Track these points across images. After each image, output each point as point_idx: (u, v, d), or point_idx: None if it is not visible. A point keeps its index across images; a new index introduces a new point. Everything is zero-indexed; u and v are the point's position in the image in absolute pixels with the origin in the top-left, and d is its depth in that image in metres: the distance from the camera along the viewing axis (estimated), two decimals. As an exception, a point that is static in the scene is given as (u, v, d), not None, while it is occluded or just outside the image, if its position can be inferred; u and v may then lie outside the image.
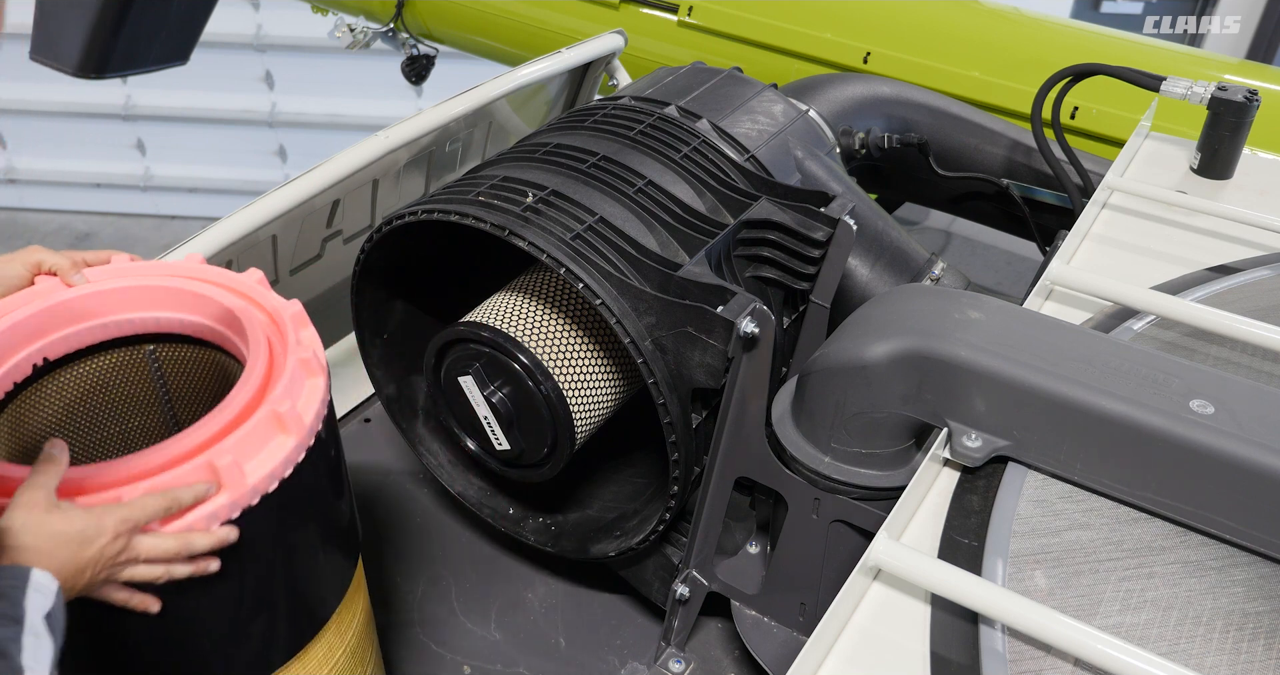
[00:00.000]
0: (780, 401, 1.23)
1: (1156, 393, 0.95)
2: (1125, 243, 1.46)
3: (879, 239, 1.59)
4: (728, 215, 1.38)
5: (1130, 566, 0.90)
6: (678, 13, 2.59)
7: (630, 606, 1.54)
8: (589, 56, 1.98)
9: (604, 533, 1.45)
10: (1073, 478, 0.99)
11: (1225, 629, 0.85)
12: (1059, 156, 1.77)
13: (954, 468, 1.05)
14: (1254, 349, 1.19)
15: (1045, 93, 1.72)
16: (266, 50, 5.64)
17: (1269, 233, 1.44)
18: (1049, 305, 1.32)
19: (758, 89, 1.65)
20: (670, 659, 1.39)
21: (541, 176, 1.33)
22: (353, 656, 1.15)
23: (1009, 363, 0.99)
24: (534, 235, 1.20)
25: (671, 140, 1.45)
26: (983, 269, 2.49)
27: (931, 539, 0.98)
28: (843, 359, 1.08)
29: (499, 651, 1.47)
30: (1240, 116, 1.55)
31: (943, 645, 0.88)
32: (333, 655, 1.10)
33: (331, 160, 1.52)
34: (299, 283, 1.71)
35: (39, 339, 1.01)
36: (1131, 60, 1.78)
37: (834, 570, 1.21)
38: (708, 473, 1.29)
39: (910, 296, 1.15)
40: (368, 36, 3.41)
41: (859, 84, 1.93)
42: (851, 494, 1.15)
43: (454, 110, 1.70)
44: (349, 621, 1.13)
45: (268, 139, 5.93)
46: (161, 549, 0.82)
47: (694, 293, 1.19)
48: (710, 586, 1.36)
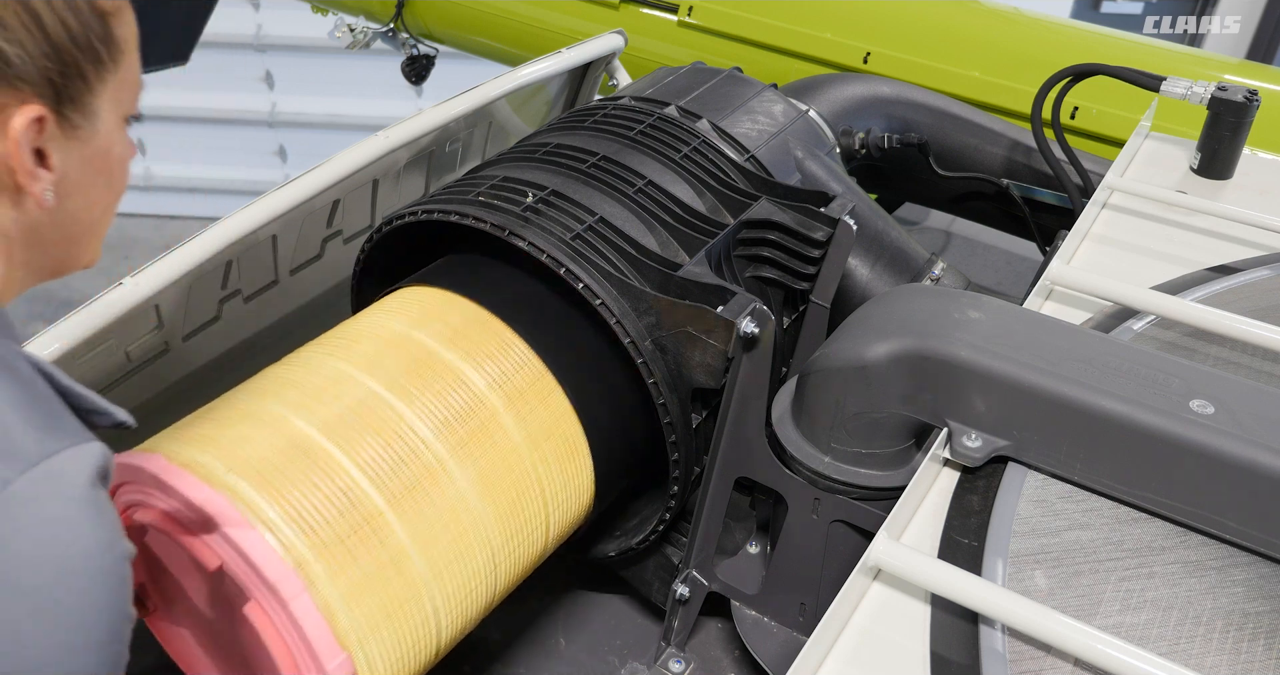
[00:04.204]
0: (780, 401, 1.23)
1: (1156, 393, 0.95)
2: (1125, 243, 1.46)
3: (879, 239, 1.59)
4: (728, 215, 1.38)
5: (1130, 566, 0.90)
6: (678, 13, 2.59)
7: (630, 606, 1.54)
8: (589, 56, 1.98)
9: (604, 533, 1.45)
10: (1073, 478, 0.99)
11: (1225, 629, 0.85)
12: (1059, 156, 1.77)
13: (954, 468, 1.05)
14: (1254, 349, 1.19)
15: (1045, 93, 1.72)
16: (266, 50, 5.65)
17: (1269, 233, 1.44)
18: (1049, 305, 1.32)
19: (758, 89, 1.65)
20: (670, 659, 1.39)
21: (541, 176, 1.33)
22: None
23: (1009, 363, 0.99)
24: (534, 235, 1.20)
25: (671, 140, 1.45)
26: (983, 269, 2.49)
27: (931, 539, 0.98)
28: (843, 359, 1.08)
29: (499, 651, 1.47)
30: (1240, 116, 1.55)
31: (943, 645, 0.88)
32: None
33: (331, 160, 1.52)
34: (299, 283, 1.71)
35: None
36: (1131, 60, 1.78)
37: (834, 570, 1.21)
38: (708, 473, 1.29)
39: (910, 296, 1.15)
40: (368, 36, 3.41)
41: (859, 84, 1.93)
42: (851, 494, 1.15)
43: (454, 110, 1.70)
44: None
45: (268, 139, 5.94)
46: None
47: (694, 293, 1.19)
48: (710, 586, 1.36)
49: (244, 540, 0.95)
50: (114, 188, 0.77)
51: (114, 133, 0.74)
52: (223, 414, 1.09)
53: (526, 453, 1.18)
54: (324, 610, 0.97)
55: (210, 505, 0.96)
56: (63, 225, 0.73)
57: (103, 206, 0.77)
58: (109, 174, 0.76)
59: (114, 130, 0.74)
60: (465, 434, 1.14)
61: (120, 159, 0.77)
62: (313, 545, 0.98)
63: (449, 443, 1.12)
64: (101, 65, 0.70)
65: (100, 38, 0.70)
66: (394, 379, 1.13)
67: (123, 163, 0.77)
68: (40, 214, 0.70)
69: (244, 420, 1.07)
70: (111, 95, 0.72)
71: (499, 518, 1.15)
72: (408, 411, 1.11)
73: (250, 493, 0.98)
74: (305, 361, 1.17)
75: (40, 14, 0.66)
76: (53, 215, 0.71)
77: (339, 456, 1.05)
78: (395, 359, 1.16)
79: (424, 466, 1.09)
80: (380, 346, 1.18)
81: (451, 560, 1.10)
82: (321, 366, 1.15)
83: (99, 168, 0.74)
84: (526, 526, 1.20)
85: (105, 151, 0.74)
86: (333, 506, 1.01)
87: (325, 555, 0.99)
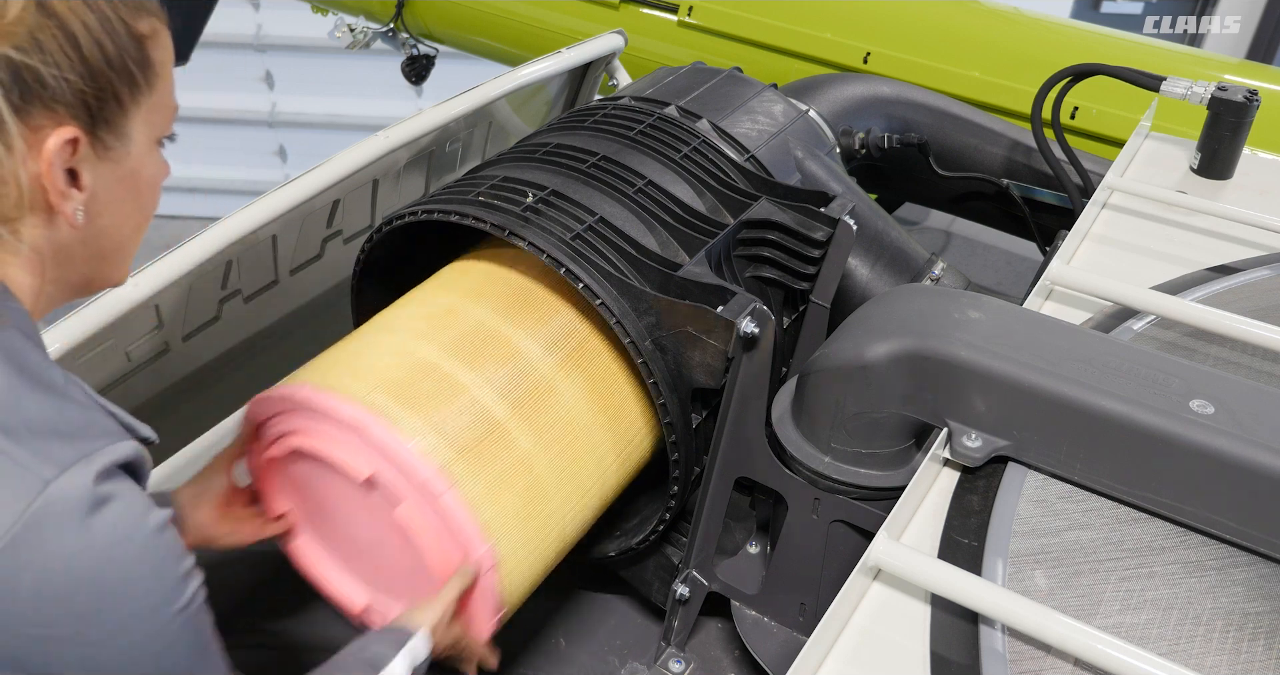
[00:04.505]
0: (780, 401, 1.24)
1: (1156, 393, 0.95)
2: (1125, 243, 1.46)
3: (879, 239, 1.59)
4: (728, 215, 1.38)
5: (1130, 566, 0.90)
6: (678, 13, 2.59)
7: (630, 606, 1.54)
8: (589, 56, 1.98)
9: (604, 533, 1.45)
10: (1073, 478, 0.99)
11: (1225, 629, 0.85)
12: (1059, 156, 1.77)
13: (954, 468, 1.05)
14: (1254, 349, 1.19)
15: (1045, 93, 1.72)
16: (266, 50, 5.65)
17: (1269, 233, 1.44)
18: (1049, 305, 1.32)
19: (758, 89, 1.65)
20: (670, 659, 1.39)
21: (541, 176, 1.33)
22: None
23: (1009, 363, 0.99)
24: (534, 235, 1.20)
25: (671, 140, 1.45)
26: (983, 269, 2.49)
27: (931, 539, 0.98)
28: (843, 359, 1.08)
29: (499, 651, 1.47)
30: (1240, 116, 1.55)
31: (943, 645, 0.88)
32: None
33: (331, 160, 1.52)
34: (299, 283, 1.71)
35: None
36: (1131, 60, 1.78)
37: (834, 570, 1.21)
38: (708, 473, 1.29)
39: (910, 296, 1.15)
40: (368, 36, 3.41)
41: (859, 84, 1.93)
42: (851, 494, 1.15)
43: (454, 110, 1.70)
44: None
45: (268, 139, 5.93)
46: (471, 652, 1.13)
47: (694, 293, 1.19)
48: (710, 586, 1.36)
49: (394, 448, 1.06)
50: (144, 208, 0.78)
51: (146, 154, 0.76)
52: (353, 348, 1.20)
53: (618, 370, 1.29)
54: (469, 505, 1.08)
55: (360, 421, 1.07)
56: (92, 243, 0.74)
57: (133, 226, 0.78)
58: (139, 194, 0.77)
59: (146, 152, 0.75)
60: (567, 352, 1.25)
61: (151, 180, 0.78)
62: (452, 451, 1.10)
63: (556, 360, 1.23)
64: (136, 88, 0.71)
65: (136, 61, 0.71)
66: (499, 307, 1.25)
67: (154, 183, 0.78)
68: (71, 232, 0.71)
69: (374, 350, 1.19)
70: (145, 117, 0.73)
71: (602, 428, 1.26)
72: (516, 332, 1.22)
73: (393, 408, 1.09)
74: (415, 299, 1.29)
75: (78, 37, 0.66)
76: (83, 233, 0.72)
77: (463, 374, 1.16)
78: (497, 290, 1.28)
79: (537, 381, 1.20)
80: (482, 281, 1.30)
81: (567, 464, 1.20)
82: (432, 301, 1.27)
83: (130, 188, 0.75)
84: (624, 437, 1.29)
85: (136, 172, 0.75)
86: (464, 417, 1.12)
87: (463, 459, 1.10)
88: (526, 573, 1.18)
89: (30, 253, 0.70)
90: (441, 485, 1.06)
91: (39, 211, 0.69)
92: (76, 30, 0.66)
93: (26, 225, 0.68)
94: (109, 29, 0.68)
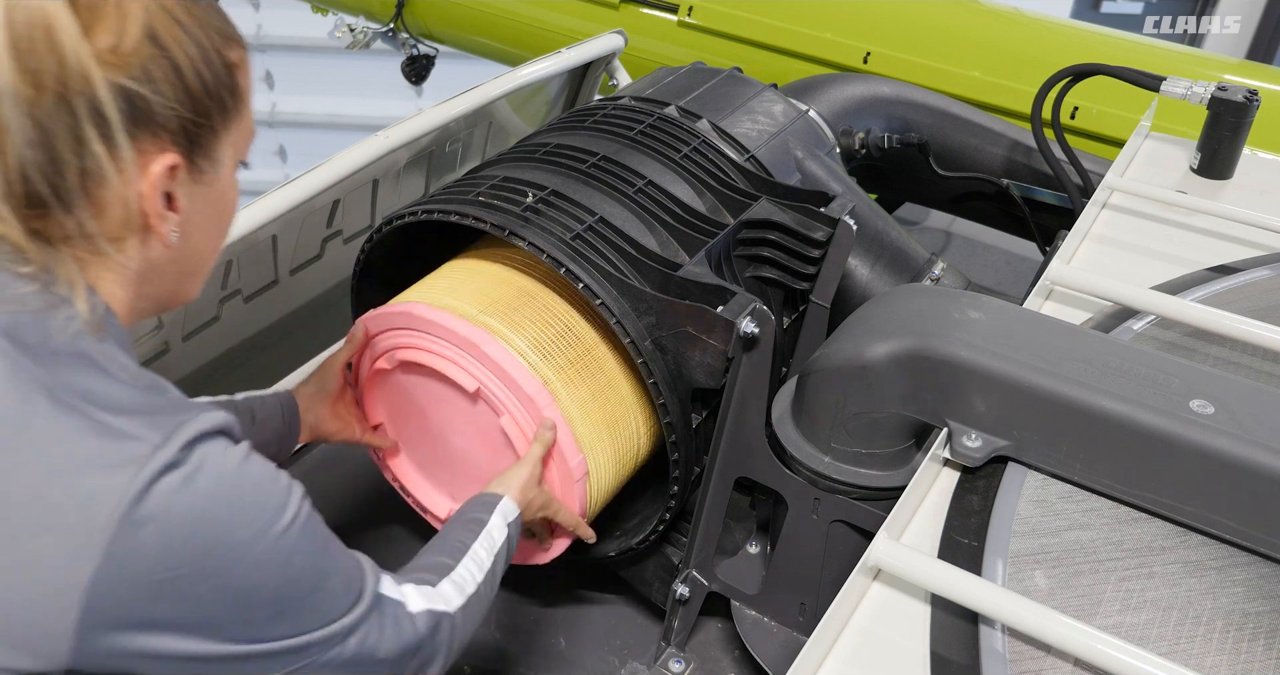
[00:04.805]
0: (780, 401, 1.24)
1: (1156, 393, 0.95)
2: (1125, 243, 1.46)
3: (879, 239, 1.59)
4: (728, 215, 1.38)
5: (1130, 566, 0.90)
6: (678, 13, 2.59)
7: (630, 606, 1.54)
8: (589, 56, 1.98)
9: (603, 533, 1.45)
10: (1073, 478, 0.99)
11: (1225, 629, 0.85)
12: (1059, 156, 1.77)
13: (954, 468, 1.05)
14: (1254, 349, 1.19)
15: (1045, 93, 1.72)
16: (266, 50, 5.65)
17: (1269, 233, 1.44)
18: (1049, 305, 1.32)
19: (758, 89, 1.65)
20: (670, 659, 1.39)
21: (541, 176, 1.33)
22: None
23: (1009, 363, 0.99)
24: (534, 235, 1.20)
25: (671, 140, 1.45)
26: (983, 269, 2.49)
27: (931, 539, 0.98)
28: (843, 359, 1.08)
29: (499, 651, 1.47)
30: (1240, 116, 1.55)
31: (943, 645, 0.88)
32: None
33: (331, 160, 1.52)
34: (299, 283, 1.71)
35: None
36: (1131, 60, 1.78)
37: (834, 570, 1.21)
38: (708, 473, 1.29)
39: (910, 296, 1.15)
40: (368, 36, 3.41)
41: (859, 84, 1.93)
42: (851, 494, 1.15)
43: (454, 110, 1.70)
44: None
45: (268, 139, 5.94)
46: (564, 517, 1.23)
47: (694, 293, 1.19)
48: (710, 586, 1.36)
49: (503, 362, 1.17)
50: (225, 228, 0.84)
51: (229, 177, 0.80)
52: (455, 276, 1.31)
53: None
54: (566, 419, 1.19)
55: (472, 337, 1.17)
56: (179, 262, 0.79)
57: (214, 246, 0.83)
58: (223, 215, 0.82)
59: (229, 174, 0.80)
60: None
61: (232, 201, 0.83)
62: (552, 367, 1.20)
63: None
64: (227, 114, 0.76)
65: (228, 89, 0.75)
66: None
67: (234, 204, 0.83)
68: (163, 252, 0.76)
69: (478, 276, 1.29)
70: (232, 141, 0.78)
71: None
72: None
73: (501, 327, 1.20)
74: None
75: (182, 68, 0.70)
76: (174, 253, 0.77)
77: (558, 301, 1.26)
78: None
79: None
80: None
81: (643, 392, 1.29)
82: None
83: (216, 209, 0.80)
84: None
85: (223, 195, 0.80)
86: (561, 339, 1.23)
87: (561, 376, 1.21)
88: (608, 483, 1.30)
89: (127, 270, 0.75)
90: (545, 399, 1.18)
91: (136, 232, 0.73)
92: (181, 61, 0.70)
93: (126, 240, 0.73)
94: (207, 59, 0.72)
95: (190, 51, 0.71)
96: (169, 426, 0.68)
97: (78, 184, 0.68)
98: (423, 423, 1.33)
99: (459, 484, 1.37)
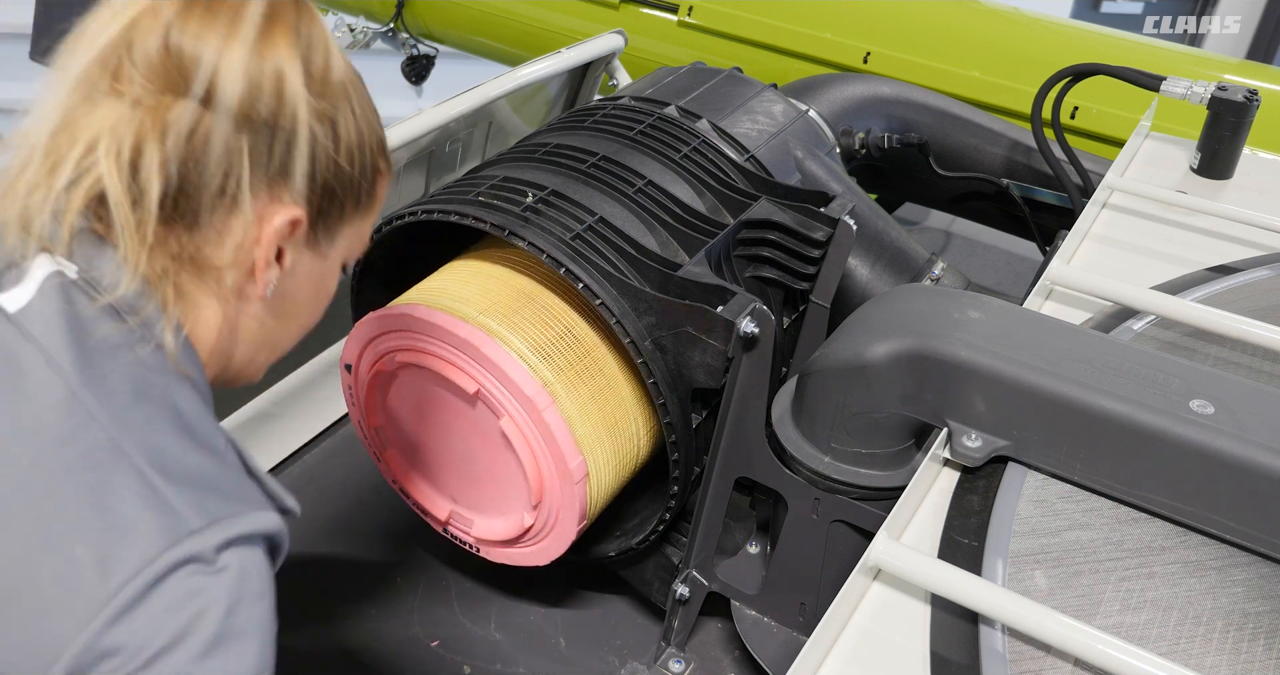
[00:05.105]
0: (780, 401, 1.23)
1: (1156, 393, 0.95)
2: (1125, 243, 1.46)
3: (879, 239, 1.59)
4: (728, 215, 1.38)
5: (1130, 566, 0.90)
6: (678, 13, 2.59)
7: (630, 606, 1.54)
8: (589, 56, 1.98)
9: (603, 533, 1.45)
10: (1073, 478, 0.99)
11: (1225, 629, 0.85)
12: (1059, 156, 1.76)
13: (954, 468, 1.05)
14: (1254, 349, 1.19)
15: (1045, 93, 1.72)
16: (266, 50, 5.62)
17: (1269, 233, 1.44)
18: (1049, 305, 1.31)
19: (758, 89, 1.65)
20: (670, 659, 1.39)
21: (541, 176, 1.33)
22: None
23: (1009, 363, 0.99)
24: (534, 235, 1.20)
25: (671, 140, 1.45)
26: (983, 269, 2.49)
27: (931, 539, 0.98)
28: (843, 359, 1.08)
29: (499, 651, 1.47)
30: (1240, 116, 1.55)
31: (943, 645, 0.88)
32: None
33: (331, 160, 1.52)
34: (299, 283, 1.71)
35: None
36: (1131, 60, 1.78)
37: (834, 570, 1.21)
38: (708, 473, 1.29)
39: (910, 296, 1.15)
40: (368, 36, 3.41)
41: (859, 84, 1.93)
42: (851, 494, 1.15)
43: (454, 110, 1.70)
44: None
45: (268, 139, 5.91)
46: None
47: (694, 293, 1.19)
48: (710, 586, 1.36)
49: (503, 364, 1.17)
50: (314, 313, 0.86)
51: (335, 265, 0.83)
52: (454, 276, 1.31)
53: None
54: (566, 421, 1.19)
55: (471, 339, 1.17)
56: (264, 325, 0.80)
57: (298, 325, 0.85)
58: (317, 297, 0.84)
59: (336, 263, 0.83)
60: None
61: (328, 291, 0.85)
62: (552, 369, 1.20)
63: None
64: (358, 205, 0.80)
65: (369, 184, 0.80)
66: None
67: (329, 294, 0.86)
68: (253, 308, 0.78)
69: (478, 277, 1.29)
70: (350, 233, 0.81)
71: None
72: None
73: (500, 328, 1.20)
74: None
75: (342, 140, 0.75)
76: (260, 315, 0.79)
77: (559, 302, 1.26)
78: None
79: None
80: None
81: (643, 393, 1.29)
82: None
83: (314, 286, 0.82)
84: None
85: (324, 275, 0.83)
86: (561, 341, 1.23)
87: (562, 378, 1.21)
88: (609, 485, 1.29)
89: (217, 315, 0.76)
90: (545, 400, 1.18)
91: (241, 275, 0.74)
92: (345, 134, 0.75)
93: (228, 276, 0.74)
94: (363, 147, 0.77)
95: (353, 133, 0.76)
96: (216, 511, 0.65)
97: (213, 204, 0.70)
98: (423, 424, 1.34)
99: (459, 485, 1.37)
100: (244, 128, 0.69)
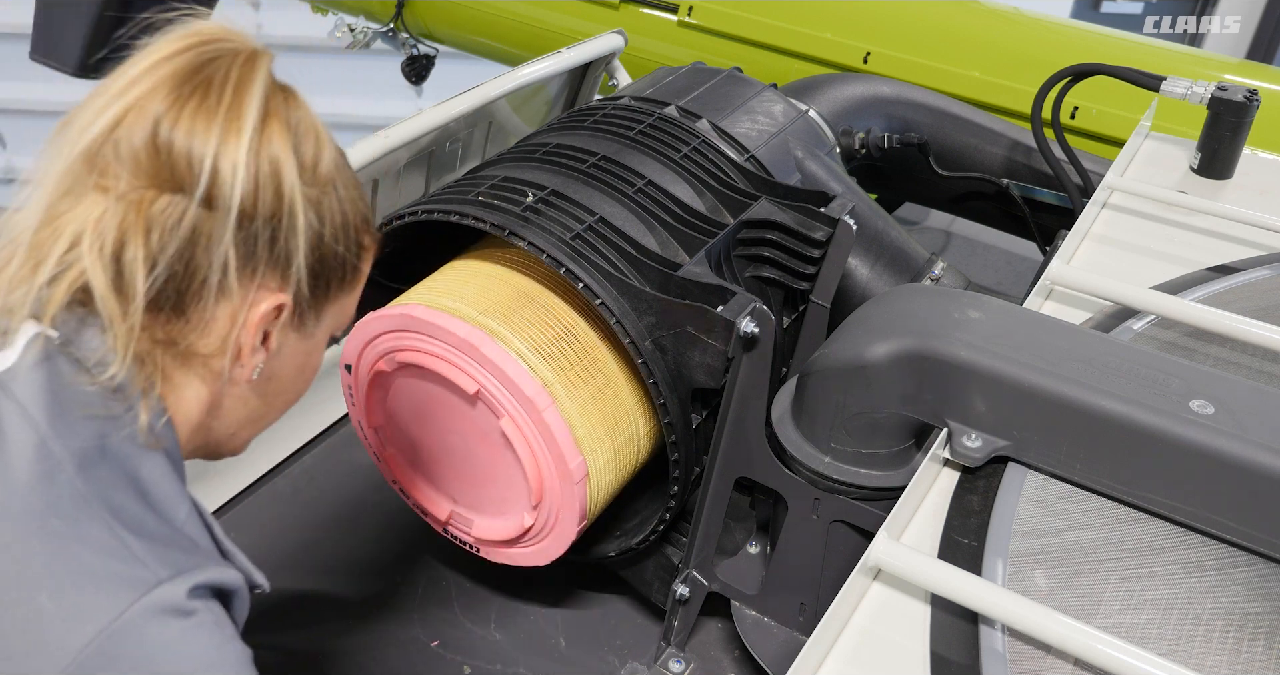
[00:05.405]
0: (780, 401, 1.23)
1: (1156, 393, 0.95)
2: (1125, 243, 1.46)
3: (879, 239, 1.59)
4: (728, 215, 1.38)
5: (1130, 566, 0.90)
6: (678, 13, 2.59)
7: (630, 606, 1.54)
8: (589, 56, 1.98)
9: (603, 533, 1.45)
10: (1073, 478, 0.99)
11: (1225, 629, 0.85)
12: (1059, 156, 1.76)
13: (954, 468, 1.05)
14: (1254, 349, 1.19)
15: (1045, 93, 1.72)
16: (266, 50, 5.62)
17: (1269, 233, 1.44)
18: (1049, 305, 1.31)
19: (758, 89, 1.65)
20: (670, 659, 1.39)
21: (541, 176, 1.33)
22: None
23: (1009, 363, 0.99)
24: (534, 235, 1.20)
25: (671, 140, 1.45)
26: (983, 269, 2.49)
27: (931, 539, 0.98)
28: (843, 359, 1.08)
29: (499, 651, 1.47)
30: (1240, 116, 1.55)
31: (943, 645, 0.88)
32: None
33: (331, 160, 1.52)
34: (299, 283, 1.70)
35: None
36: (1131, 60, 1.78)
37: (834, 570, 1.21)
38: (708, 473, 1.29)
39: (910, 296, 1.15)
40: (368, 36, 3.41)
41: (859, 84, 1.93)
42: (851, 494, 1.15)
43: (454, 110, 1.70)
44: None
45: (268, 139, 5.91)
46: None
47: (694, 293, 1.19)
48: (710, 586, 1.36)
49: (503, 364, 1.17)
50: (299, 390, 0.86)
51: (320, 343, 0.83)
52: (454, 276, 1.31)
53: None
54: (566, 421, 1.19)
55: (471, 339, 1.17)
56: (248, 405, 0.81)
57: (283, 402, 0.85)
58: (302, 374, 0.84)
59: (321, 341, 0.83)
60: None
61: (314, 367, 0.86)
62: (552, 369, 1.20)
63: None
64: (342, 284, 0.81)
65: (353, 263, 0.81)
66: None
67: (314, 370, 0.86)
68: (238, 389, 0.78)
69: (478, 277, 1.29)
70: (335, 310, 0.82)
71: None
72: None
73: (500, 329, 1.20)
74: None
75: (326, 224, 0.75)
76: (245, 395, 0.79)
77: (559, 302, 1.26)
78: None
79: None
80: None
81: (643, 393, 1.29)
82: None
83: (299, 366, 0.83)
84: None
85: (309, 354, 0.83)
86: (561, 341, 1.23)
87: (562, 378, 1.21)
88: (609, 485, 1.29)
89: (200, 396, 0.76)
90: (545, 400, 1.18)
91: (227, 360, 0.75)
92: (332, 217, 0.76)
93: (213, 361, 0.75)
94: (348, 227, 0.78)
95: (339, 218, 0.77)
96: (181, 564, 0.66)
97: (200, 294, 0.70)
98: (423, 424, 1.34)
99: (459, 485, 1.37)
100: (242, 224, 0.69)
